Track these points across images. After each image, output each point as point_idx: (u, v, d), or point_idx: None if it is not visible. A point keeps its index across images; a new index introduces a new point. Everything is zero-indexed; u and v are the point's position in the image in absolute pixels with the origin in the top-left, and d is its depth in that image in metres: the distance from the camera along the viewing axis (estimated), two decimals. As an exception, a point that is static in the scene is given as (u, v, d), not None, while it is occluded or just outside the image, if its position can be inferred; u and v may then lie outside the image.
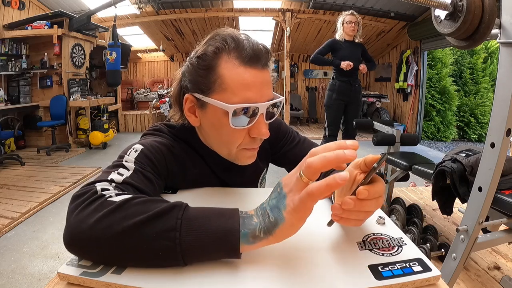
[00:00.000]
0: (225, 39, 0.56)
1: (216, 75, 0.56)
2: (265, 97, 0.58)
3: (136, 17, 6.16)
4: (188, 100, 0.60)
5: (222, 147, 0.64)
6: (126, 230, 0.39)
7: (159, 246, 0.39)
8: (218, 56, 0.56)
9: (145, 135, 0.69)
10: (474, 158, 1.46)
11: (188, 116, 0.62)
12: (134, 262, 0.41)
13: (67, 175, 3.51)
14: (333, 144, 0.40)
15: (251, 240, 0.40)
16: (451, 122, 6.45)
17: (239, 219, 0.41)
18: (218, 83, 0.56)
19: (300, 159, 0.82)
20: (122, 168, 0.53)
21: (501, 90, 1.06)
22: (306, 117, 7.91)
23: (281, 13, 5.94)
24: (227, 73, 0.55)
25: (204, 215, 0.42)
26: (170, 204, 0.42)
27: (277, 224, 0.40)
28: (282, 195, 0.41)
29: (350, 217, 0.44)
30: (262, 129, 0.58)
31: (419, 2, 0.98)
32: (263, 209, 0.43)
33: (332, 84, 3.03)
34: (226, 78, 0.55)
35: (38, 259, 1.94)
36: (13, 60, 4.75)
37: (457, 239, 1.25)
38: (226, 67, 0.55)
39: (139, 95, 7.80)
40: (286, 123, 0.86)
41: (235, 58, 0.55)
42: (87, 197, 0.44)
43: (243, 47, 0.55)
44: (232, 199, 0.66)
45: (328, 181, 0.36)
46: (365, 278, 0.39)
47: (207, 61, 0.56)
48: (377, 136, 2.25)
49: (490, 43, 6.56)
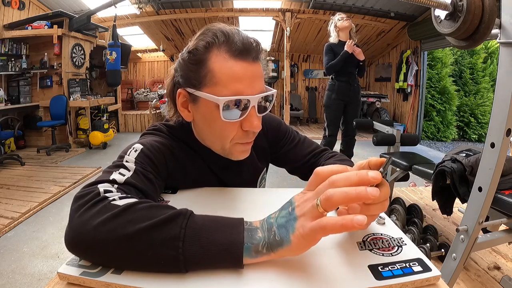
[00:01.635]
0: (216, 34, 0.57)
1: (206, 69, 0.56)
2: (256, 90, 0.58)
3: (136, 17, 6.16)
4: (181, 95, 0.61)
5: (215, 141, 0.64)
6: (129, 235, 0.39)
7: (161, 254, 0.39)
8: (208, 51, 0.57)
9: (144, 134, 0.69)
10: (474, 158, 1.46)
11: (181, 111, 0.63)
12: (134, 267, 0.41)
13: (67, 175, 3.51)
14: (354, 175, 0.38)
15: (253, 254, 0.40)
16: (451, 122, 6.45)
17: (244, 230, 0.41)
18: (209, 77, 0.56)
19: (301, 159, 0.82)
20: (123, 168, 0.53)
21: (501, 90, 1.06)
22: (306, 117, 7.91)
23: (281, 13, 5.94)
24: (217, 66, 0.56)
25: (209, 225, 0.41)
26: (174, 212, 0.42)
27: (281, 244, 0.39)
28: (293, 216, 0.40)
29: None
30: (254, 121, 0.58)
31: (419, 2, 0.98)
32: (269, 224, 0.42)
33: (331, 84, 3.03)
34: (217, 71, 0.56)
35: (38, 259, 1.94)
36: (13, 60, 4.75)
37: (457, 239, 1.25)
38: (216, 61, 0.56)
39: (139, 95, 7.80)
40: (286, 123, 0.86)
41: (225, 52, 0.56)
42: (90, 198, 0.44)
43: (233, 41, 0.56)
44: (232, 200, 0.66)
45: (344, 222, 0.35)
46: (365, 278, 0.39)
47: (197, 56, 0.57)
48: (377, 136, 2.25)
49: (490, 43, 6.56)
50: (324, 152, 0.81)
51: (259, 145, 0.78)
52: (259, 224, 0.43)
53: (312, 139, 0.87)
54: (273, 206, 0.63)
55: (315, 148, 0.82)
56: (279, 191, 0.72)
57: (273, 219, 0.42)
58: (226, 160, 0.67)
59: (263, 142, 0.79)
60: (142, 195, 0.52)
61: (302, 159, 0.80)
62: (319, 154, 0.81)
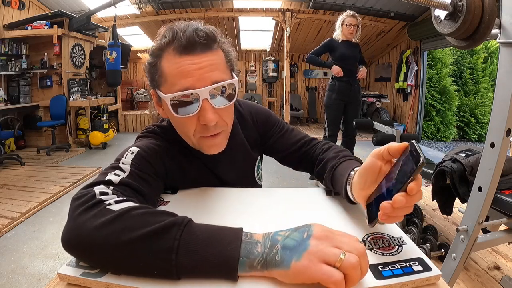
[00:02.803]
0: (164, 34, 0.59)
1: (159, 70, 0.59)
2: (207, 82, 0.56)
3: (136, 17, 6.15)
4: (153, 95, 0.64)
5: (184, 137, 0.66)
6: (122, 244, 0.39)
7: (154, 265, 0.39)
8: (160, 52, 0.59)
9: (139, 137, 0.69)
10: (474, 158, 1.46)
11: (158, 109, 0.66)
12: (128, 274, 0.40)
13: (67, 175, 3.50)
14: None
15: (247, 269, 0.38)
16: (451, 122, 6.45)
17: (241, 244, 0.39)
18: (162, 77, 0.59)
19: (289, 147, 0.82)
20: (118, 170, 0.54)
21: (501, 90, 1.06)
22: (306, 117, 7.90)
23: (281, 13, 5.93)
24: (166, 66, 0.58)
25: (205, 237, 0.40)
26: (169, 221, 0.41)
27: (279, 265, 0.37)
28: (305, 245, 0.38)
29: (398, 214, 0.42)
30: (206, 115, 0.57)
31: (419, 2, 0.98)
32: (274, 240, 0.40)
33: (332, 84, 3.03)
34: (166, 71, 0.58)
35: (38, 259, 1.94)
36: (13, 60, 4.74)
37: (457, 239, 1.25)
38: (166, 61, 0.58)
39: (139, 95, 7.80)
40: (276, 115, 0.88)
41: (172, 50, 0.57)
42: (85, 201, 0.44)
43: (178, 38, 0.57)
44: (232, 200, 0.66)
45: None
46: (365, 278, 0.39)
47: (153, 59, 0.60)
48: (377, 136, 2.25)
49: (490, 43, 6.56)
50: (314, 142, 0.81)
51: (251, 136, 0.80)
52: (261, 238, 0.41)
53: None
54: (273, 206, 0.63)
55: (303, 137, 0.82)
56: (279, 191, 0.72)
57: (281, 237, 0.40)
58: (217, 154, 0.67)
59: (254, 133, 0.81)
60: (138, 195, 0.52)
61: (290, 147, 0.81)
62: (308, 143, 0.81)
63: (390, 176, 0.45)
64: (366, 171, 0.49)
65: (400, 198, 0.40)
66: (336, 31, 2.96)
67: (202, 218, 0.56)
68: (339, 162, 0.65)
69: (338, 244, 0.37)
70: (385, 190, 0.45)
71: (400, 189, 0.41)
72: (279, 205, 0.64)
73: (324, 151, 0.75)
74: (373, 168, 0.47)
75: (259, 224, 0.54)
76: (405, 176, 0.41)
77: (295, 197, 0.68)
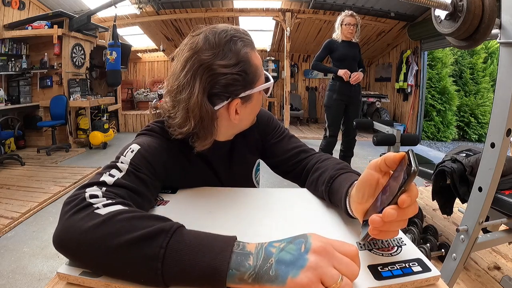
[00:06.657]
0: (241, 36, 0.62)
1: (253, 67, 0.63)
2: None
3: (136, 17, 6.15)
4: (236, 105, 0.62)
5: (242, 127, 0.70)
6: (108, 250, 0.39)
7: (140, 273, 0.38)
8: (246, 55, 0.62)
9: (139, 135, 0.69)
10: (474, 158, 1.45)
11: (234, 119, 0.64)
12: (117, 278, 0.40)
13: (67, 175, 3.51)
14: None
15: (236, 281, 0.37)
16: (451, 122, 6.45)
17: (231, 255, 0.37)
18: (255, 72, 0.63)
19: (284, 153, 0.82)
20: (115, 169, 0.53)
21: (501, 90, 1.05)
22: (306, 117, 7.90)
23: (281, 13, 5.93)
24: (255, 61, 0.63)
25: (193, 245, 0.38)
26: (157, 228, 0.40)
27: (274, 281, 0.35)
28: (303, 260, 0.36)
29: (390, 229, 0.40)
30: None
31: (419, 2, 0.98)
32: (268, 253, 0.38)
33: (332, 84, 3.02)
34: (257, 63, 0.64)
35: (38, 259, 1.94)
36: (13, 60, 4.74)
37: (457, 239, 1.25)
38: (254, 57, 0.64)
39: (139, 95, 7.80)
40: (277, 119, 0.88)
41: (250, 47, 0.63)
42: (75, 204, 0.45)
43: (246, 38, 0.63)
44: (231, 200, 0.66)
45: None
46: (365, 278, 0.39)
47: (241, 65, 0.61)
48: (377, 136, 2.25)
49: (490, 43, 6.56)
50: (312, 151, 0.79)
51: (252, 137, 0.79)
52: (254, 249, 0.38)
53: (312, 139, 0.87)
54: (272, 206, 0.63)
55: (301, 145, 0.80)
56: (279, 191, 0.72)
57: (275, 250, 0.38)
58: (219, 153, 0.68)
59: (255, 134, 0.81)
60: (134, 195, 0.52)
61: (286, 153, 0.79)
62: (306, 152, 0.78)
63: (386, 188, 0.43)
64: (363, 184, 0.45)
65: (390, 211, 0.37)
66: (335, 31, 2.96)
67: (201, 218, 0.57)
68: (338, 173, 0.61)
69: (337, 264, 0.36)
70: (379, 203, 0.43)
71: (391, 202, 0.38)
72: (278, 205, 0.64)
73: (321, 161, 0.72)
74: (371, 180, 0.44)
75: (258, 224, 0.54)
76: (398, 187, 0.38)
77: (294, 198, 0.68)
